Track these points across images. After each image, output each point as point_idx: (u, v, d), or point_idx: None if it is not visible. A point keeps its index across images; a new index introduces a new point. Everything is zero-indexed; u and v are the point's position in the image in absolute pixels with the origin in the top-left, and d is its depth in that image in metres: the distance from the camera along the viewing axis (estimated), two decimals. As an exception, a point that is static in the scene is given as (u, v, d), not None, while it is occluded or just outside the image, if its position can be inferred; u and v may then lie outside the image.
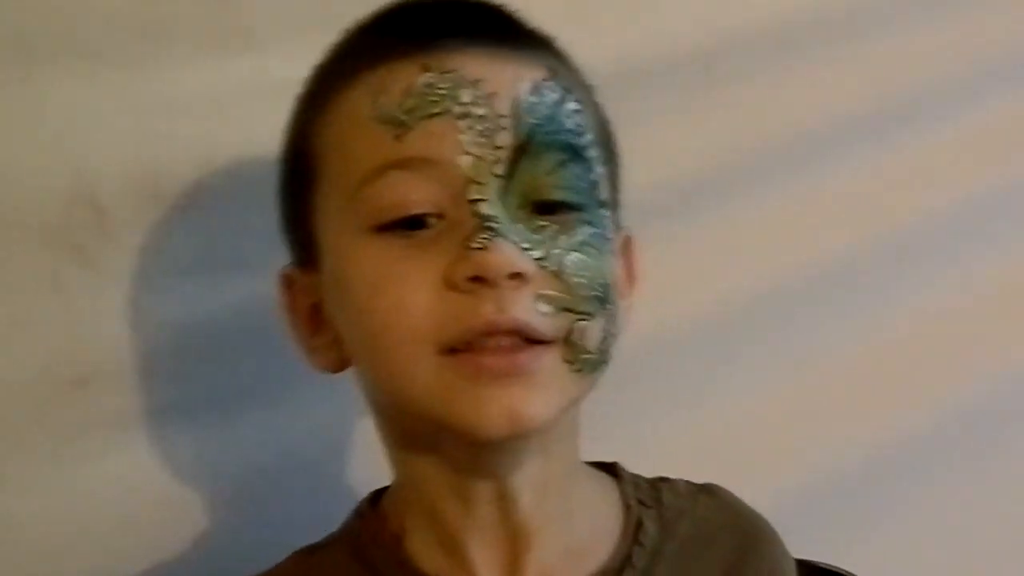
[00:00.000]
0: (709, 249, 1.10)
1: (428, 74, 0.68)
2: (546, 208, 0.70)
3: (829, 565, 0.94)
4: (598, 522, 0.78)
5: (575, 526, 0.76)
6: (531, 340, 0.68)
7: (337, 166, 0.71)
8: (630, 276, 0.78)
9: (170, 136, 0.87)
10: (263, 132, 0.89)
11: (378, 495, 0.80)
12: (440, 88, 0.67)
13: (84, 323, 0.86)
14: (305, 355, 0.77)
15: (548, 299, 0.68)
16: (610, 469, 0.82)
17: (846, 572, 0.94)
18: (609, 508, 0.79)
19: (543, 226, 0.69)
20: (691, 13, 1.01)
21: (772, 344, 1.14)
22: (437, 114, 0.67)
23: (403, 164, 0.68)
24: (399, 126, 0.67)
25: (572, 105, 0.71)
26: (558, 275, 0.68)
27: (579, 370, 0.70)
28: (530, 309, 0.67)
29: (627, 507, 0.79)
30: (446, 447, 0.72)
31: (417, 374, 0.68)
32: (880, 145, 1.17)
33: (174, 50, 0.88)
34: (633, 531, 0.78)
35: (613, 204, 0.75)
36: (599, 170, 0.72)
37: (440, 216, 0.68)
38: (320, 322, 0.75)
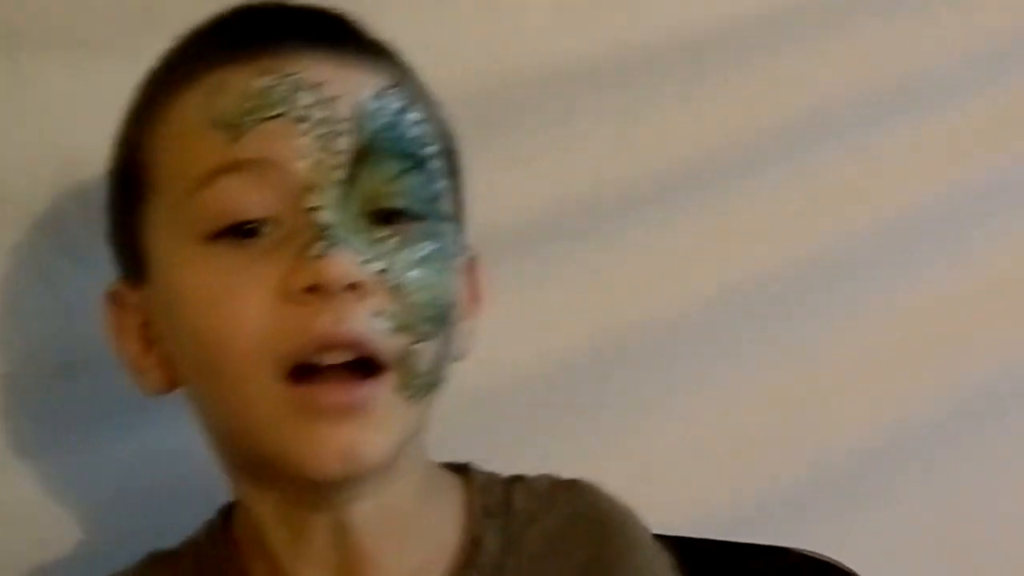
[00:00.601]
0: (700, 239, 1.10)
1: (267, 77, 0.65)
2: (387, 217, 0.67)
3: (821, 555, 0.93)
4: (442, 537, 0.74)
5: (416, 547, 0.72)
6: (367, 361, 0.65)
7: (167, 175, 0.68)
8: (474, 297, 0.75)
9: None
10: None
11: (230, 508, 0.77)
12: (279, 90, 0.65)
13: (72, 313, 0.86)
14: (133, 376, 0.73)
15: (387, 315, 0.65)
16: (463, 471, 0.78)
17: (838, 563, 0.94)
18: (452, 522, 0.74)
19: (384, 237, 0.66)
20: (675, 4, 1.00)
21: (764, 336, 1.13)
22: (275, 116, 0.64)
23: (236, 167, 0.65)
24: (234, 129, 0.64)
25: (415, 115, 0.68)
26: (398, 290, 0.65)
27: (412, 396, 0.67)
28: (368, 323, 0.64)
29: (469, 519, 0.74)
30: (280, 480, 0.68)
31: (254, 402, 0.65)
32: (873, 134, 1.17)
33: (163, 41, 0.87)
34: (469, 549, 0.73)
35: (457, 221, 0.72)
36: (442, 183, 0.70)
37: (275, 223, 0.65)
38: (151, 341, 0.72)
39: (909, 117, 1.18)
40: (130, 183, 0.71)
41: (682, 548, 0.81)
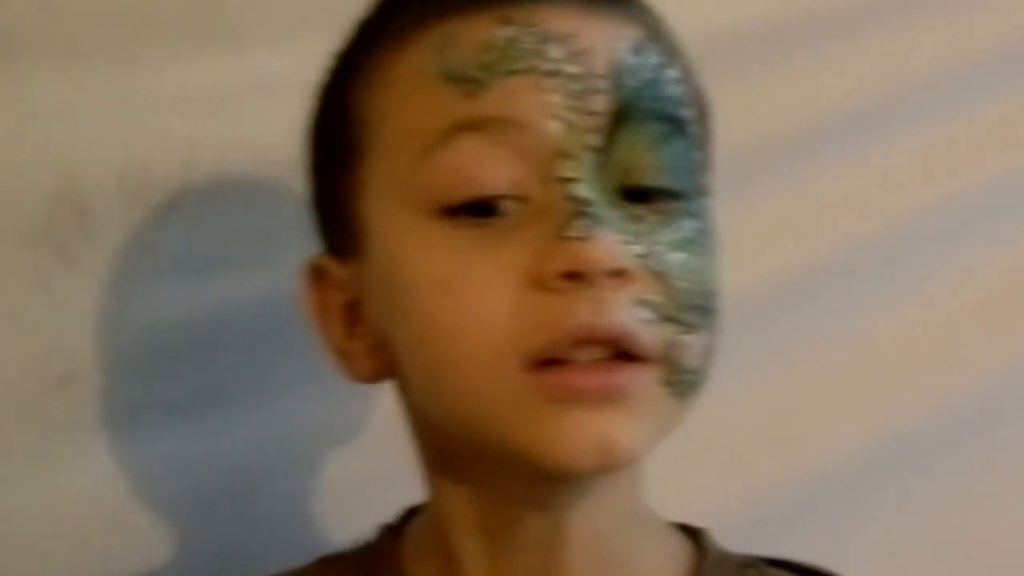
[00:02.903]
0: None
1: (510, 26, 0.56)
2: (642, 195, 0.59)
3: (815, 566, 0.93)
4: None
5: None
6: (626, 355, 0.57)
7: (391, 134, 0.60)
8: None
9: (155, 135, 0.87)
10: (249, 131, 0.90)
11: (412, 512, 0.71)
12: (524, 43, 0.56)
13: (68, 322, 0.86)
14: (337, 361, 0.66)
15: (650, 305, 0.57)
16: (695, 536, 0.69)
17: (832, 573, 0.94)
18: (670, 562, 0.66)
19: (642, 215, 0.58)
20: (676, 10, 1.00)
21: (763, 341, 1.13)
22: (521, 71, 0.56)
23: (477, 125, 0.56)
24: (473, 83, 0.56)
25: (674, 73, 0.60)
26: (661, 277, 0.57)
27: (677, 393, 0.60)
28: (631, 314, 0.56)
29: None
30: (498, 478, 0.61)
31: (493, 394, 0.57)
32: (871, 143, 1.17)
33: (159, 48, 0.88)
34: None
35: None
36: (700, 152, 0.62)
37: (519, 199, 0.57)
38: (357, 323, 0.64)
39: (907, 126, 1.18)
40: (342, 143, 0.62)
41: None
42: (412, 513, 0.71)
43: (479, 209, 0.57)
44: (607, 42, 0.58)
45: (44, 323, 0.86)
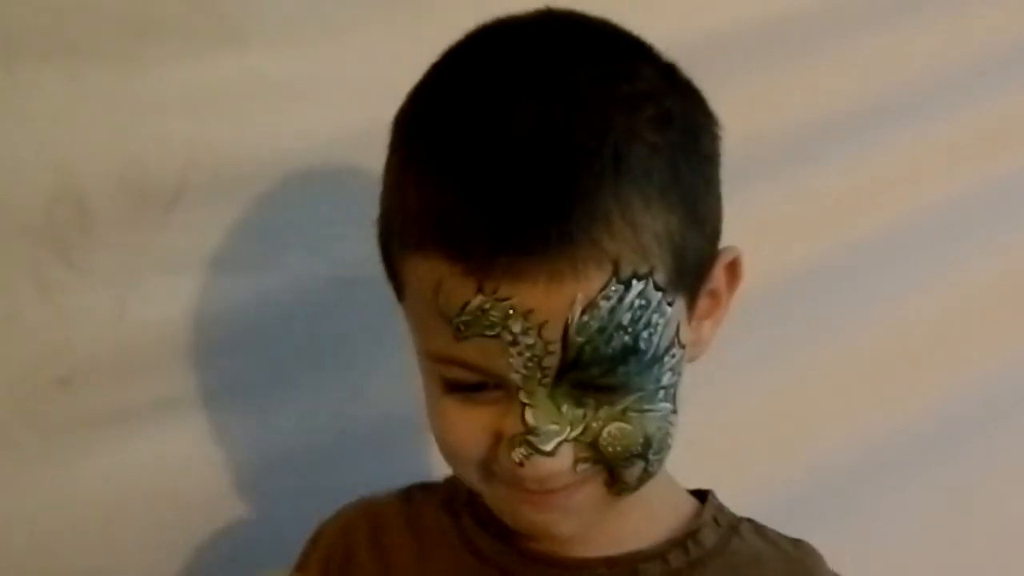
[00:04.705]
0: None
1: (482, 296, 0.68)
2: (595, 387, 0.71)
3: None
4: (662, 512, 0.80)
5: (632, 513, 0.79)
6: None
7: (411, 312, 0.73)
8: (731, 283, 0.80)
9: (154, 134, 0.87)
10: (248, 130, 0.90)
11: None
12: (492, 315, 0.68)
13: (68, 322, 0.86)
14: None
15: (586, 462, 0.71)
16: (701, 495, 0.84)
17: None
18: (676, 509, 0.81)
19: (586, 401, 0.70)
20: (675, 11, 1.00)
21: (762, 342, 1.13)
22: (489, 336, 0.68)
23: (462, 364, 0.70)
24: (457, 331, 0.69)
25: (632, 293, 0.69)
26: (595, 447, 0.71)
27: (618, 492, 0.73)
28: (569, 476, 0.71)
29: (695, 516, 0.81)
30: None
31: (472, 482, 0.75)
32: (867, 143, 1.17)
33: (159, 48, 0.88)
34: (683, 538, 0.79)
35: (695, 277, 0.74)
36: (661, 327, 0.70)
37: (497, 386, 0.71)
38: None
39: (907, 126, 1.18)
40: (390, 263, 0.75)
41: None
42: None
43: (471, 386, 0.72)
44: (562, 309, 0.68)
45: (44, 323, 0.86)
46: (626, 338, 0.69)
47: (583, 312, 0.67)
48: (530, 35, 0.72)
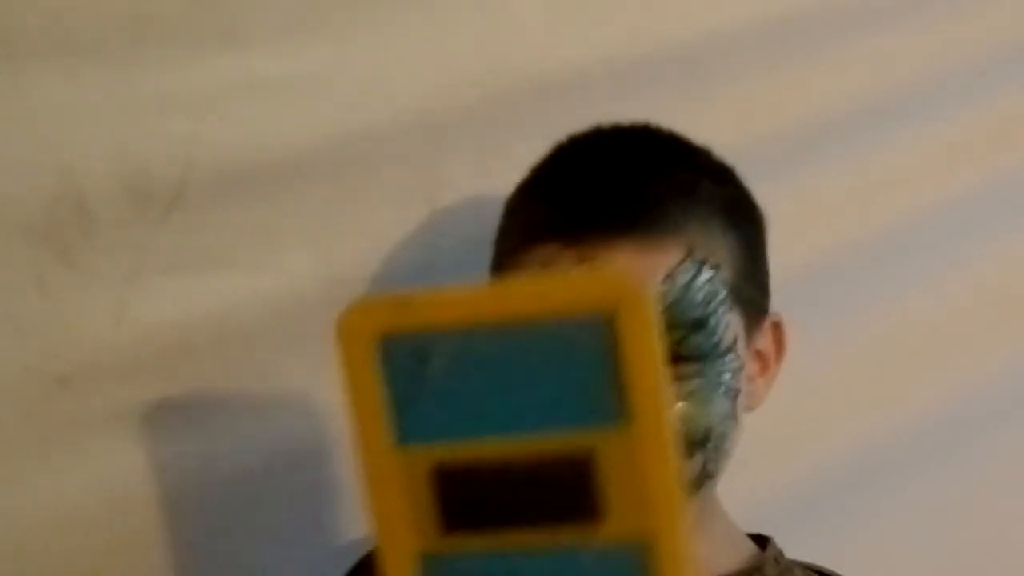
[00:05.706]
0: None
1: (583, 266, 0.78)
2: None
3: (816, 566, 0.93)
4: (731, 550, 0.87)
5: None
6: None
7: None
8: (779, 351, 0.89)
9: (155, 134, 0.87)
10: (248, 130, 0.90)
11: None
12: None
13: (68, 322, 0.86)
14: None
15: None
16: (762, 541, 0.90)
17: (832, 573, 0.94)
18: (741, 550, 0.87)
19: None
20: (675, 11, 1.00)
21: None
22: None
23: None
24: None
25: (704, 277, 0.80)
26: None
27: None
28: None
29: (756, 557, 0.87)
30: None
31: None
32: (867, 143, 1.17)
33: (159, 48, 0.87)
34: (749, 571, 0.86)
35: (756, 305, 0.85)
36: (724, 328, 0.80)
37: None
38: None
39: (907, 126, 1.18)
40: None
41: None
42: None
43: None
44: (647, 274, 0.77)
45: (44, 323, 0.86)
46: (698, 312, 0.78)
47: (664, 280, 0.78)
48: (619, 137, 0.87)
